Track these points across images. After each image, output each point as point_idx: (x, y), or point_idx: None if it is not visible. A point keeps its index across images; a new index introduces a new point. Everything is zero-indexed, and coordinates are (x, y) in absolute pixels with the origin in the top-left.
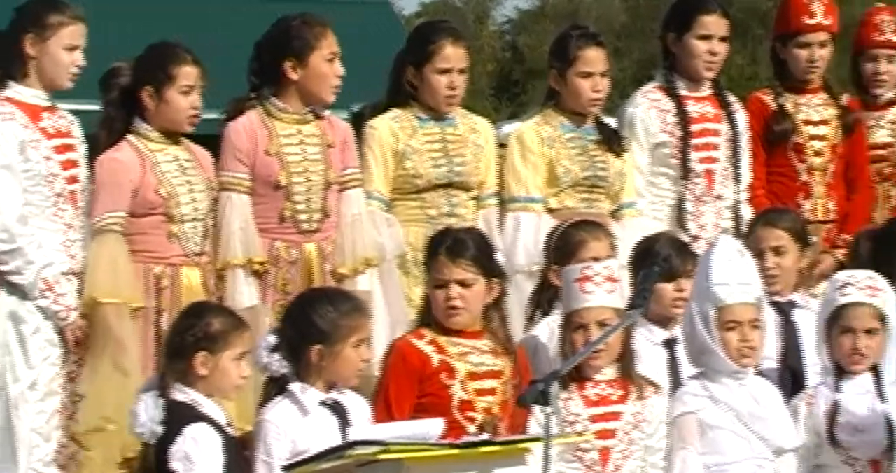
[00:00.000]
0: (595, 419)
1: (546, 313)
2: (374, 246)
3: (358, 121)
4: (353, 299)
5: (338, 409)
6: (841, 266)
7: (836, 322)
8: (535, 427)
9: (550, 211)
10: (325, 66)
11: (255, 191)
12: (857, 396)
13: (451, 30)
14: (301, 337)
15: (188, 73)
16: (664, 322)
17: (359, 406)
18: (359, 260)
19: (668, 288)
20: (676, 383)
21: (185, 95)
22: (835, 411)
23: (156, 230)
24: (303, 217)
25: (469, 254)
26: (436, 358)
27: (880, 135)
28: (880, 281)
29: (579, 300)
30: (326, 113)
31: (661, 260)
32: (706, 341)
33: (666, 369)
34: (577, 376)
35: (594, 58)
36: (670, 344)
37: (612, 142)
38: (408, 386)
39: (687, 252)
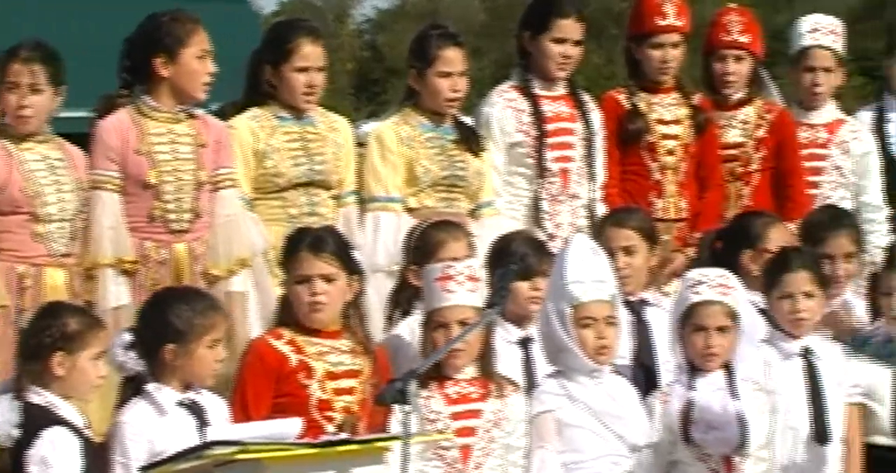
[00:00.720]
0: (455, 417)
1: (406, 313)
2: (249, 246)
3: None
4: (208, 298)
5: (195, 409)
6: (692, 264)
7: (689, 320)
8: (395, 426)
9: (410, 210)
10: (196, 62)
11: (125, 190)
12: (710, 394)
13: (309, 28)
14: (155, 335)
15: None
16: (519, 320)
17: (216, 406)
18: (233, 260)
19: (523, 287)
20: (531, 382)
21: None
22: (688, 409)
23: (21, 229)
24: (172, 217)
25: (330, 249)
26: (293, 358)
27: (732, 135)
28: (732, 279)
29: (441, 299)
30: (200, 112)
31: (518, 258)
32: (562, 339)
33: (520, 368)
34: (438, 375)
35: (453, 58)
36: (525, 342)
37: (471, 141)
38: (265, 386)
39: (543, 250)
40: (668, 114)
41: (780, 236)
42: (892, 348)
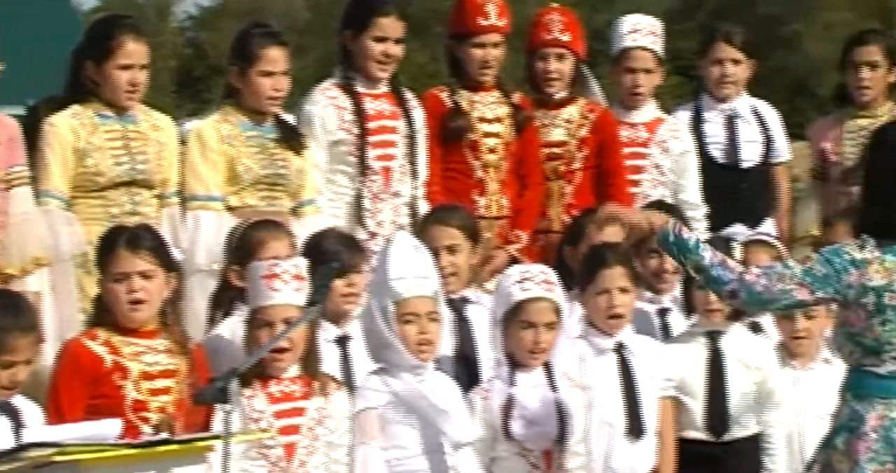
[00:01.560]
0: (279, 415)
1: (227, 313)
2: (44, 245)
3: (34, 117)
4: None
5: (9, 411)
6: (514, 261)
7: (516, 316)
8: (218, 426)
9: (231, 209)
10: None
11: None
12: (531, 389)
13: (131, 25)
14: None
15: None
16: (336, 318)
17: (30, 409)
18: (28, 260)
19: (338, 284)
20: (349, 380)
21: None
22: (509, 404)
23: None
24: None
25: (147, 246)
26: (108, 359)
27: (556, 134)
28: (552, 274)
29: (266, 297)
30: None
31: (332, 256)
32: (385, 335)
33: (338, 366)
34: (261, 374)
35: (276, 57)
36: (343, 341)
37: (292, 139)
38: (79, 387)
39: (355, 247)
40: (489, 112)
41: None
42: None
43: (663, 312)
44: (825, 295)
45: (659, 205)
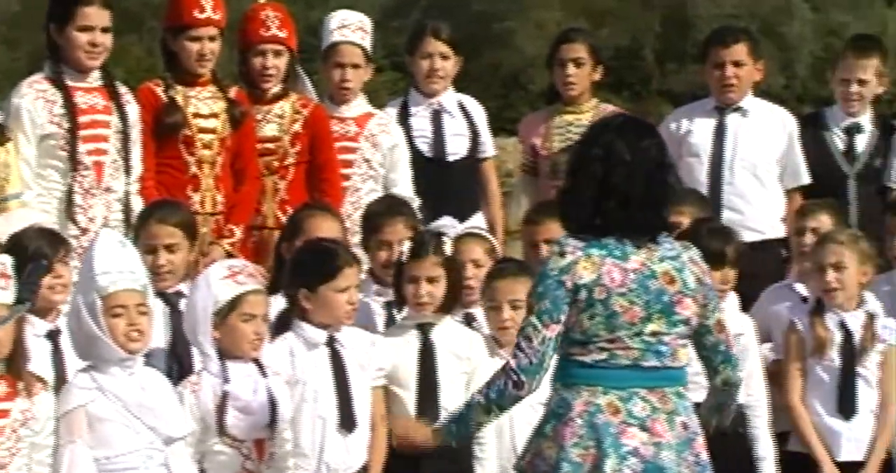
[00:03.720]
0: None
1: None
2: None
3: None
4: None
5: None
6: (229, 256)
7: (235, 309)
8: None
9: None
10: None
11: None
12: (242, 380)
13: None
14: None
15: None
16: (45, 313)
17: None
18: None
19: (45, 278)
20: (60, 374)
21: None
22: (224, 399)
23: None
24: None
25: None
26: None
27: (269, 130)
28: (253, 267)
29: None
30: None
31: (34, 251)
32: (93, 330)
33: (49, 361)
34: None
35: None
36: (53, 335)
37: None
38: None
39: (57, 239)
40: (204, 107)
41: (325, 229)
42: None
43: (390, 305)
44: (565, 316)
45: (391, 199)
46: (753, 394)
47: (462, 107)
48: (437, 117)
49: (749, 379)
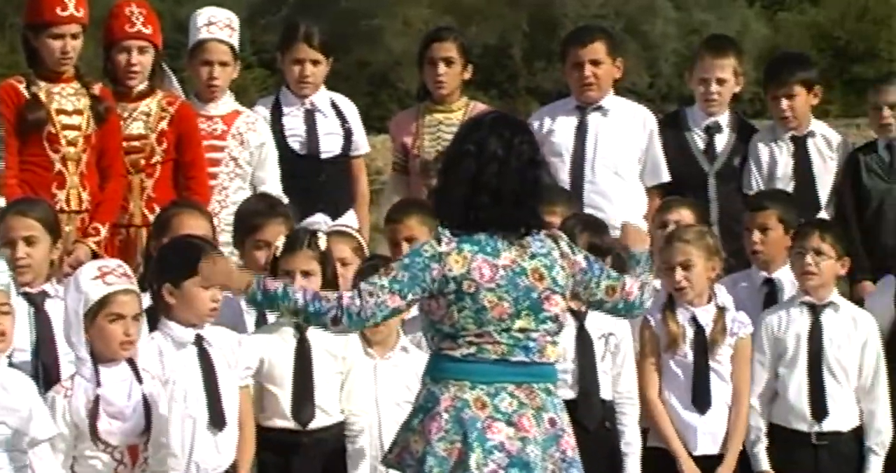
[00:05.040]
0: None
1: None
2: None
3: None
4: None
5: None
6: (94, 255)
7: (103, 309)
8: None
9: None
10: None
11: None
12: (118, 383)
13: None
14: None
15: None
16: None
17: None
18: None
19: None
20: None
21: None
22: (96, 404)
23: None
24: None
25: None
26: None
27: (135, 128)
28: (127, 267)
29: None
30: None
31: None
32: None
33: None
34: None
35: None
36: None
37: None
38: None
39: None
40: (68, 104)
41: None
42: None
43: None
44: (415, 297)
45: (269, 199)
46: (623, 391)
47: (335, 106)
48: (309, 116)
49: (619, 375)
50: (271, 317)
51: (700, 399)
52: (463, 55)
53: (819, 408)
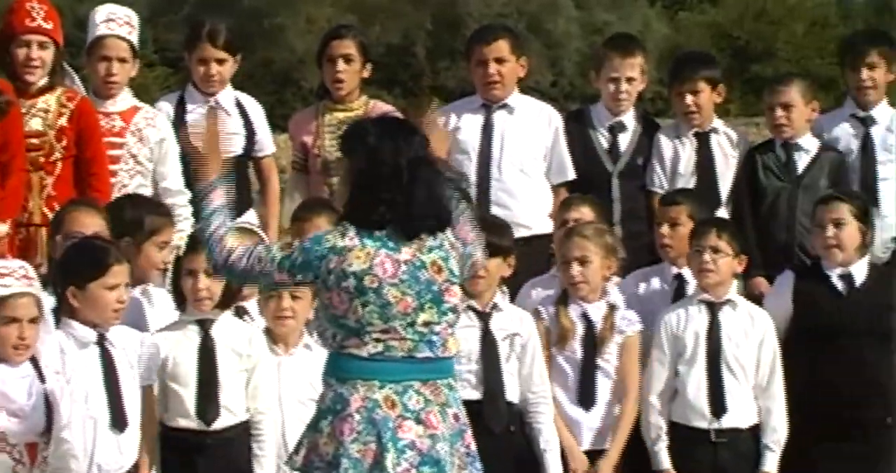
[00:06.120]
0: None
1: None
2: None
3: None
4: None
5: None
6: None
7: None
8: None
9: None
10: None
11: None
12: (16, 382)
13: None
14: None
15: None
16: None
17: None
18: None
19: None
20: None
21: None
22: None
23: None
24: None
25: None
26: None
27: (34, 124)
28: (30, 269)
29: None
30: None
31: None
32: None
33: None
34: None
35: None
36: None
37: None
38: None
39: None
40: None
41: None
42: None
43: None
44: (304, 279)
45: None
46: (536, 391)
47: (239, 106)
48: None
49: (531, 375)
50: (168, 314)
51: (586, 396)
52: (362, 53)
53: (718, 406)
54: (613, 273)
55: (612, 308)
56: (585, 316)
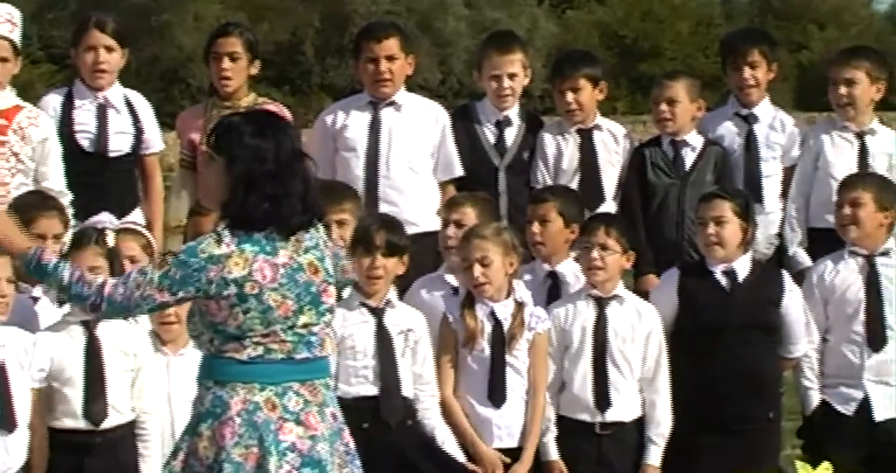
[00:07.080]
0: None
1: None
2: None
3: None
4: None
5: None
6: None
7: None
8: None
9: None
10: None
11: None
12: None
13: None
14: None
15: None
16: None
17: None
18: None
19: None
20: None
21: None
22: None
23: None
24: None
25: None
26: None
27: None
28: None
29: None
30: None
31: None
32: None
33: None
34: None
35: None
36: None
37: None
38: None
39: None
40: None
41: None
42: None
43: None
44: (187, 295)
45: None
46: (425, 389)
47: (128, 103)
48: (102, 112)
49: (421, 371)
50: (59, 312)
51: (496, 394)
52: (249, 50)
53: (602, 400)
54: (516, 269)
55: (520, 305)
56: (493, 315)
